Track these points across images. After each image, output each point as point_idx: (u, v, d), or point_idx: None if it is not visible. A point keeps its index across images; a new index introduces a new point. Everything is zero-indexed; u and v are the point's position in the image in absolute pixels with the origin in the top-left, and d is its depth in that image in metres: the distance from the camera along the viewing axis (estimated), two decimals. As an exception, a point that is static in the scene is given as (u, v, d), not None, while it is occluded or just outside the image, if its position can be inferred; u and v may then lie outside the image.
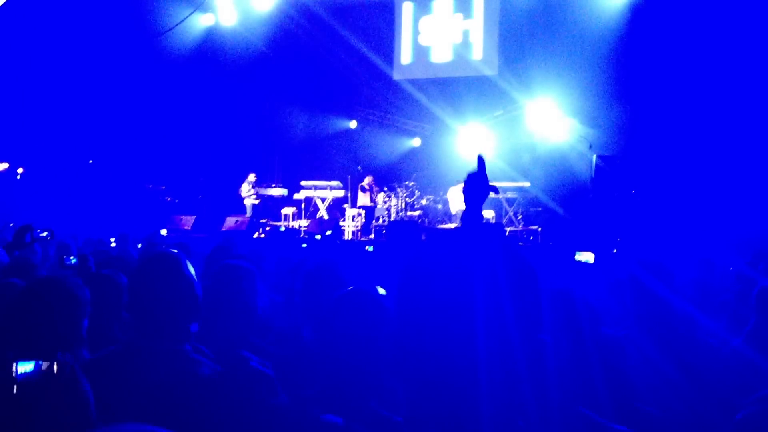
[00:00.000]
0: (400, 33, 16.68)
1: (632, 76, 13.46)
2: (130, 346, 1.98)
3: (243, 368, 1.86)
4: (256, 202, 15.35)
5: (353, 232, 14.56)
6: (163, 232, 10.72)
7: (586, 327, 2.34)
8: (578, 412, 1.70)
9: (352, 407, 1.69)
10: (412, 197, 15.07)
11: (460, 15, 16.03)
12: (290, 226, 14.82)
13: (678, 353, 2.59)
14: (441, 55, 16.28)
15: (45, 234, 4.59)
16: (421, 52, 16.52)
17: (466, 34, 15.97)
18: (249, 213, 14.94)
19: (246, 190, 15.30)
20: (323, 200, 15.60)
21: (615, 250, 11.18)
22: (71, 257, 4.01)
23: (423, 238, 11.31)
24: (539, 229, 13.39)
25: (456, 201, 13.96)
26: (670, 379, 2.42)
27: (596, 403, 1.86)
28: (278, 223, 15.35)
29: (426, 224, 14.37)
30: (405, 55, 16.67)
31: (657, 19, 12.95)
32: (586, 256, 4.21)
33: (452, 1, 16.14)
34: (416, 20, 16.52)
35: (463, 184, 2.13)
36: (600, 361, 2.03)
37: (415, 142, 17.45)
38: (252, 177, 15.45)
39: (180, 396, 1.65)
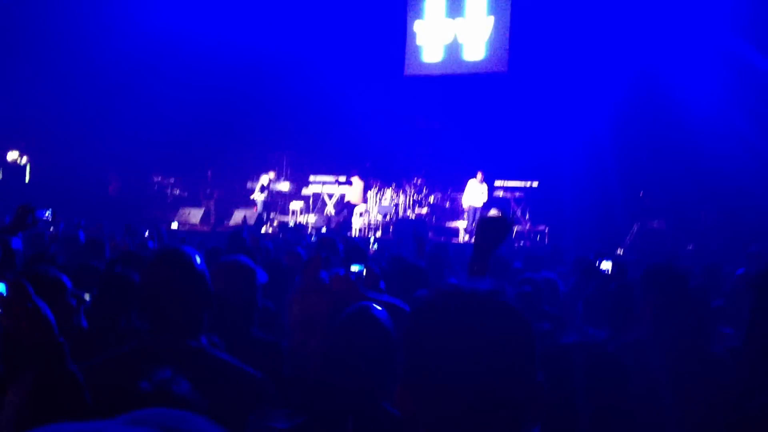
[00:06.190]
0: (413, 29, 16.65)
1: (644, 76, 13.39)
2: (146, 344, 2.00)
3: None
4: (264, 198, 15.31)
5: (360, 228, 14.55)
6: (174, 225, 10.77)
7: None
8: None
9: (365, 408, 1.71)
10: (420, 194, 15.04)
11: (470, 14, 16.00)
12: (298, 221, 14.83)
13: (688, 361, 2.57)
14: (453, 52, 16.24)
15: (47, 214, 4.57)
16: (434, 49, 16.49)
17: (476, 32, 15.92)
18: (260, 208, 14.84)
19: (262, 184, 15.09)
20: (331, 196, 15.60)
21: (621, 251, 11.16)
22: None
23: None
24: (546, 229, 13.36)
25: (470, 196, 13.86)
26: (676, 386, 2.40)
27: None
28: (286, 218, 15.37)
29: (433, 222, 14.36)
30: (416, 51, 16.64)
31: (668, 26, 12.89)
32: (605, 265, 4.24)
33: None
34: (431, 18, 16.49)
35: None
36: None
37: (422, 139, 17.37)
38: (272, 174, 15.33)
39: (205, 394, 1.65)
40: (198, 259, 2.08)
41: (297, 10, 16.18)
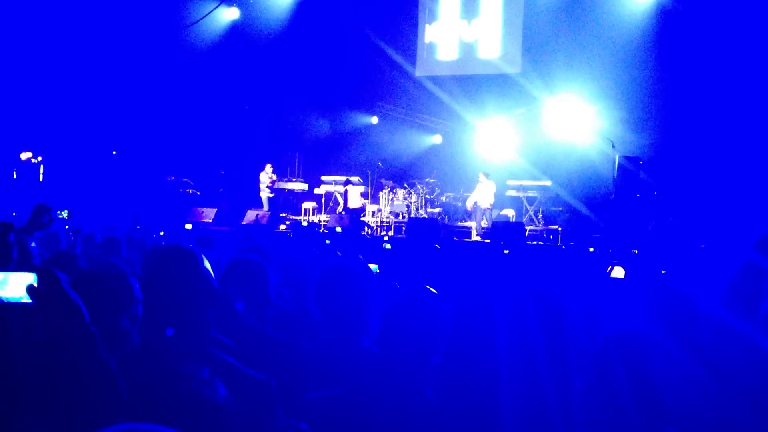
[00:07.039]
0: (423, 30, 16.62)
1: (659, 75, 13.30)
2: (149, 345, 1.95)
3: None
4: (271, 195, 15.35)
5: (372, 228, 14.55)
6: (188, 226, 10.80)
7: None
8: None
9: (407, 396, 1.73)
10: (432, 194, 15.01)
11: (482, 13, 15.95)
12: (311, 221, 14.84)
13: (707, 357, 2.55)
14: (464, 52, 16.19)
15: (65, 214, 4.59)
16: (446, 50, 16.45)
17: (488, 32, 15.86)
18: (266, 207, 14.95)
19: (264, 180, 15.27)
20: (344, 196, 15.61)
21: (636, 251, 11.06)
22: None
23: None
24: (559, 229, 13.28)
25: (478, 195, 13.81)
26: (699, 385, 2.38)
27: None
28: (299, 218, 15.40)
29: (446, 222, 14.32)
30: (429, 53, 16.61)
31: (685, 18, 12.77)
32: (617, 272, 4.23)
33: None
34: (444, 20, 16.45)
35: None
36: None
37: (436, 139, 17.37)
38: (269, 168, 15.42)
39: (200, 400, 1.63)
40: (203, 259, 2.03)
41: (306, 14, 16.18)
